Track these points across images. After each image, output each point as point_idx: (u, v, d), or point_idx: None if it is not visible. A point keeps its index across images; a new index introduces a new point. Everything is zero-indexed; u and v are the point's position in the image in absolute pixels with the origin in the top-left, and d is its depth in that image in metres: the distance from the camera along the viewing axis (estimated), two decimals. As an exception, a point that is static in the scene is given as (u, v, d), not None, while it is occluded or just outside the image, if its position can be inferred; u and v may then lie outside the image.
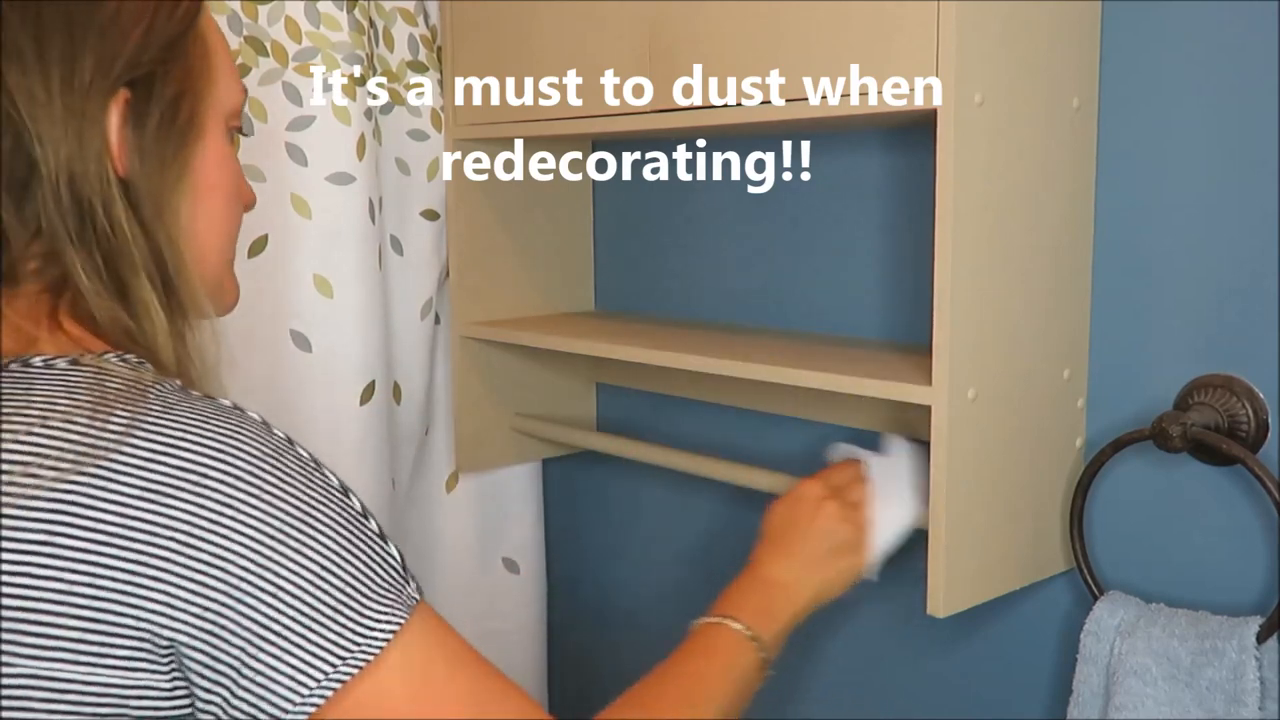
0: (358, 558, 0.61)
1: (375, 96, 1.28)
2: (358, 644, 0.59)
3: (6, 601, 0.55)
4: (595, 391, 1.49)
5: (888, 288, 1.14)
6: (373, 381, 1.26)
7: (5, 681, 0.55)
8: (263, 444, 0.60)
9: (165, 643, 0.57)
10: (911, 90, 0.88)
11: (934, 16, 0.85)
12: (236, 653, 0.57)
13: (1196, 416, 0.91)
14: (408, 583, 0.63)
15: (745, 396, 1.28)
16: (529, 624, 1.51)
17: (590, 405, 1.49)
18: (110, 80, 0.64)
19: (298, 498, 0.60)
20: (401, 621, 0.61)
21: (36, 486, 0.56)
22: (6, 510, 0.56)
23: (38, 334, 0.64)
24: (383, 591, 0.61)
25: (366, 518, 0.63)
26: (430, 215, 1.36)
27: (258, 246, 1.21)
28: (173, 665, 0.58)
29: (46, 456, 0.57)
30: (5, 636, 0.55)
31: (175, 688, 0.58)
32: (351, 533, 0.61)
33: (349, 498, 0.63)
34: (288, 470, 0.60)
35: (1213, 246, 0.92)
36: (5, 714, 0.55)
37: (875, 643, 1.20)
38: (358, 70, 1.22)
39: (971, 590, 0.94)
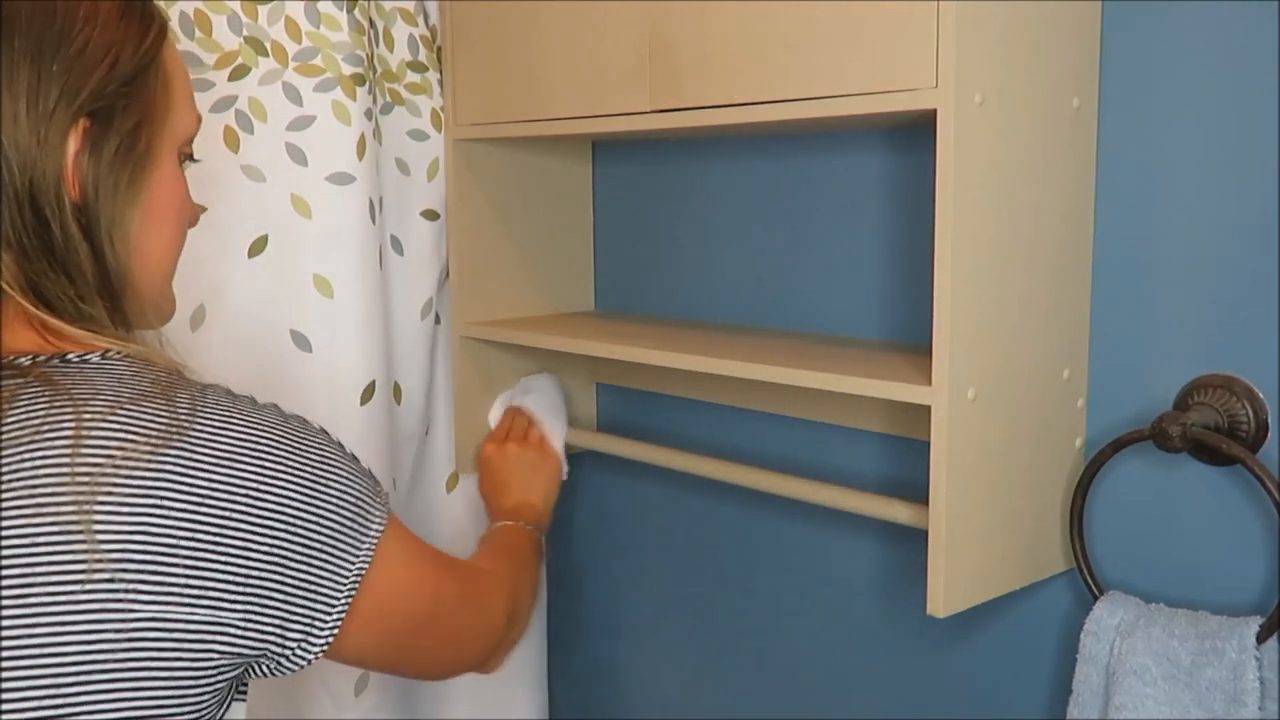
0: (356, 479, 0.74)
1: (375, 96, 1.28)
2: (370, 537, 0.74)
3: (132, 556, 0.64)
4: (595, 391, 1.49)
5: (888, 288, 1.14)
6: (373, 381, 1.26)
7: (133, 624, 0.64)
8: (274, 412, 0.73)
9: (243, 577, 0.68)
10: (911, 90, 0.88)
11: (934, 16, 0.85)
12: (294, 572, 0.70)
13: (1196, 416, 0.91)
14: (378, 483, 0.78)
15: (745, 396, 1.28)
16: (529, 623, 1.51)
17: (590, 405, 1.49)
18: (73, 110, 0.69)
19: (313, 446, 0.73)
20: (387, 514, 0.77)
21: (136, 459, 0.65)
22: (117, 480, 0.64)
23: (57, 332, 0.71)
24: (374, 497, 0.76)
25: (344, 446, 0.76)
26: (430, 215, 1.36)
27: (258, 246, 1.21)
28: (247, 601, 0.68)
29: (136, 434, 0.66)
30: (132, 586, 0.64)
31: (246, 621, 0.68)
32: (347, 460, 0.75)
33: (330, 435, 0.76)
34: (297, 428, 0.73)
35: (1213, 246, 0.92)
36: (130, 653, 0.64)
37: (875, 643, 1.20)
38: (358, 70, 1.22)
39: (971, 590, 0.94)
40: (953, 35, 0.84)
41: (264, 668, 0.72)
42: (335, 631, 0.73)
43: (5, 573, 0.62)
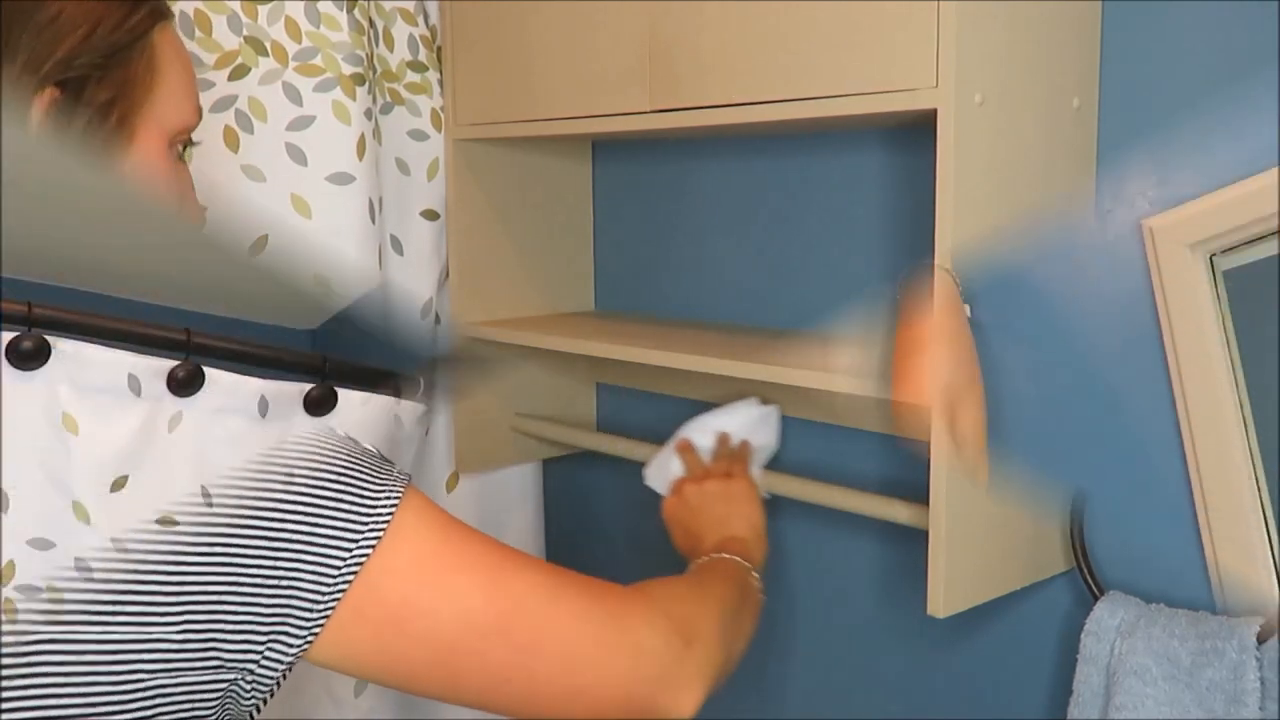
0: (337, 455, 0.67)
1: (375, 96, 1.28)
2: (373, 516, 0.66)
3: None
4: (595, 391, 1.49)
5: (887, 288, 1.14)
6: (373, 381, 1.26)
7: (28, 645, 0.59)
8: None
9: (175, 586, 0.61)
10: (911, 90, 0.88)
11: (934, 16, 0.85)
12: (250, 569, 0.63)
13: (1196, 416, 0.91)
14: (390, 463, 0.70)
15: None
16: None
17: (590, 405, 1.49)
18: (38, 77, 0.66)
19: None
20: (402, 491, 0.68)
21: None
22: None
23: None
24: (374, 471, 0.68)
25: (333, 430, 0.69)
26: (430, 215, 1.36)
27: (258, 247, 1.21)
28: (185, 610, 0.61)
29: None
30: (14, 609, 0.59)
31: (187, 633, 0.62)
32: (324, 440, 0.68)
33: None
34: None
35: (1213, 246, 0.92)
36: (30, 677, 0.59)
37: (875, 643, 1.20)
38: (358, 70, 1.22)
39: (971, 590, 0.94)
40: (953, 35, 0.84)
41: (241, 685, 0.65)
42: (317, 630, 0.65)
43: None
